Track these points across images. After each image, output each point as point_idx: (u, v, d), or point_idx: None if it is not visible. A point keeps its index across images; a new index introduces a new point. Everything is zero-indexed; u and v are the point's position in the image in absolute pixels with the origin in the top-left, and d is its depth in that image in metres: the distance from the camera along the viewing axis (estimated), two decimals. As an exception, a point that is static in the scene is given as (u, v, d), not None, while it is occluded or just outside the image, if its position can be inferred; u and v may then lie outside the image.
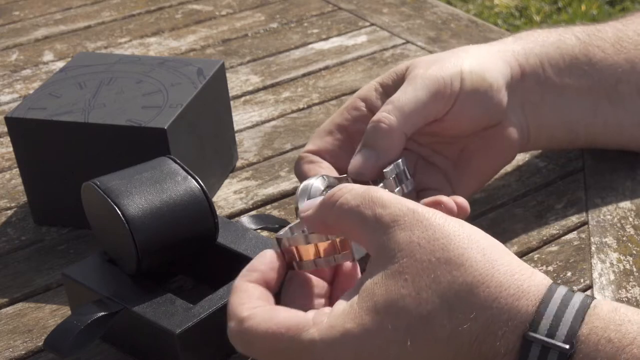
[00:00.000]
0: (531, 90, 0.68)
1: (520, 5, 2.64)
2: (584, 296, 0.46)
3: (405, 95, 0.63)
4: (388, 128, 0.62)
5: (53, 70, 1.00)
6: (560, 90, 0.69)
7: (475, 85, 0.65)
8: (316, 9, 1.13)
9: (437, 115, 0.64)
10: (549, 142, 0.72)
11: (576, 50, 0.70)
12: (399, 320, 0.45)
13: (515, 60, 0.68)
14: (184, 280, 0.64)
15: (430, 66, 0.65)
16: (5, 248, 0.71)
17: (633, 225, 0.69)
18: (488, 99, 0.65)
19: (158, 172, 0.60)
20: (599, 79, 0.70)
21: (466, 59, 0.66)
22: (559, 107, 0.69)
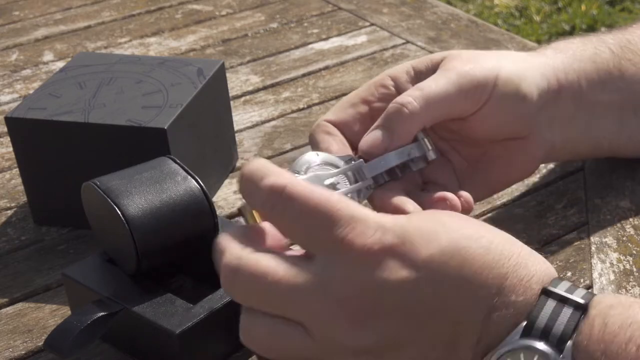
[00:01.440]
0: (565, 107, 0.67)
1: (520, 5, 2.64)
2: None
3: (435, 85, 0.62)
4: (409, 114, 0.61)
5: (53, 70, 1.00)
6: (592, 107, 0.68)
7: (509, 93, 0.63)
8: (316, 9, 1.13)
9: (462, 113, 0.63)
10: (571, 155, 0.71)
11: (610, 65, 0.69)
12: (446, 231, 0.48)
13: (554, 75, 0.66)
14: (184, 280, 0.64)
15: (468, 63, 0.63)
16: (5, 248, 0.71)
17: (633, 225, 0.69)
18: (518, 109, 0.64)
19: (158, 172, 0.60)
20: (628, 93, 0.69)
21: (505, 64, 0.64)
22: (588, 124, 0.68)
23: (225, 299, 0.57)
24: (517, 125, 0.65)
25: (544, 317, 0.46)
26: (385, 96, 0.64)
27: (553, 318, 0.46)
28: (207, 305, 0.57)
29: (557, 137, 0.67)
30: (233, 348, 0.59)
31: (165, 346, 0.56)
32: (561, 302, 0.46)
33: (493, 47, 1.00)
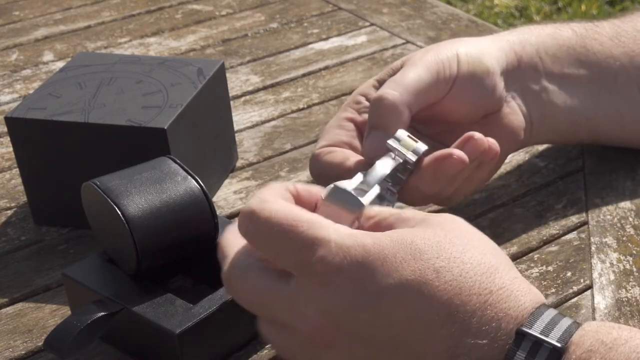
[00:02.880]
0: (529, 78, 0.68)
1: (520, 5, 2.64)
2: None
3: (407, 74, 0.63)
4: (392, 102, 0.61)
5: (53, 70, 1.00)
6: (559, 80, 0.69)
7: (472, 68, 0.65)
8: (316, 9, 1.13)
9: (437, 96, 0.64)
10: (552, 134, 0.72)
11: (573, 42, 0.70)
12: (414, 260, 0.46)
13: (510, 48, 0.68)
14: (184, 280, 0.64)
15: (427, 52, 0.65)
16: (5, 248, 0.71)
17: (633, 225, 0.69)
18: (485, 83, 0.65)
19: (158, 172, 0.60)
20: (597, 70, 0.70)
21: (461, 45, 0.66)
22: (560, 97, 0.69)
23: (225, 299, 0.57)
24: (486, 98, 0.66)
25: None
26: (362, 110, 0.66)
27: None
28: (207, 305, 0.57)
29: (532, 111, 0.68)
30: (233, 348, 0.59)
31: (165, 346, 0.56)
32: (536, 346, 0.44)
33: (493, 47, 1.00)
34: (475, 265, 0.46)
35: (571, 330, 0.45)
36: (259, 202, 0.50)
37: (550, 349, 0.44)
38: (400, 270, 0.45)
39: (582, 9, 2.57)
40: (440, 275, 0.45)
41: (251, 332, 0.60)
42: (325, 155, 0.63)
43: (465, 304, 0.45)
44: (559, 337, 0.44)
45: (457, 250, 0.47)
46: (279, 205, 0.49)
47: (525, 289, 0.47)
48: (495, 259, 0.48)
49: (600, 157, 0.77)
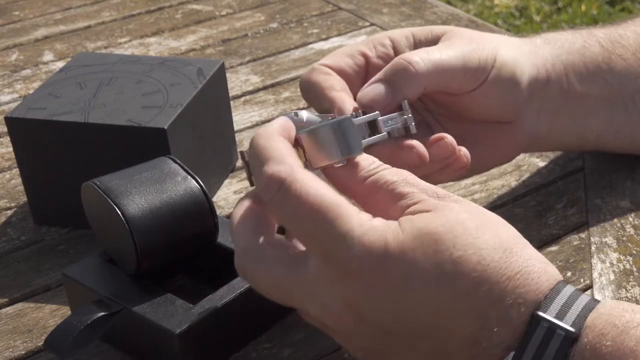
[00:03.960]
0: (552, 98, 0.67)
1: (520, 5, 2.64)
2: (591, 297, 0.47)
3: (443, 53, 0.62)
4: (415, 73, 0.60)
5: (53, 70, 1.00)
6: (580, 99, 0.68)
7: (504, 77, 0.64)
8: (316, 9, 1.13)
9: (459, 89, 0.63)
10: (557, 146, 0.72)
11: (599, 59, 0.69)
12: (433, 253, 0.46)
13: (543, 65, 0.67)
14: (184, 280, 0.64)
15: (470, 42, 0.64)
16: (5, 248, 0.71)
17: (633, 225, 0.69)
18: (509, 94, 0.64)
19: (158, 172, 0.60)
20: (618, 88, 0.69)
21: (502, 47, 0.65)
22: (576, 116, 0.69)
23: (225, 299, 0.57)
24: (506, 109, 0.65)
25: (531, 349, 0.45)
26: (382, 54, 0.64)
27: (540, 352, 0.45)
28: (207, 305, 0.57)
29: (542, 126, 0.67)
30: (233, 348, 0.59)
31: (165, 346, 0.56)
32: (550, 331, 0.45)
33: (493, 47, 1.00)
34: (492, 251, 0.47)
35: (586, 311, 0.46)
36: (289, 171, 0.49)
37: (563, 335, 0.45)
38: (421, 265, 0.46)
39: (582, 9, 2.57)
40: (459, 267, 0.46)
41: (251, 332, 0.60)
42: (319, 75, 0.62)
43: (485, 293, 0.46)
44: (574, 320, 0.45)
45: (472, 235, 0.47)
46: (309, 183, 0.49)
47: (541, 269, 0.47)
48: (509, 238, 0.48)
49: (600, 157, 0.77)
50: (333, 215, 0.47)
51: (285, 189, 0.48)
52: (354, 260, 0.47)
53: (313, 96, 0.62)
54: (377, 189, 0.50)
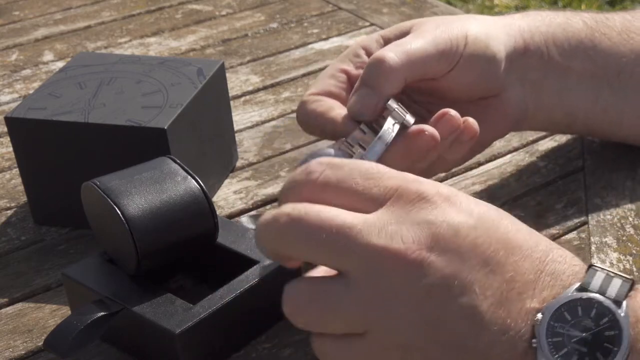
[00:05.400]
0: (533, 68, 0.68)
1: (520, 5, 2.64)
2: None
3: (413, 42, 0.62)
4: (390, 67, 0.60)
5: (53, 70, 1.00)
6: (563, 72, 0.69)
7: (478, 52, 0.64)
8: (316, 9, 1.13)
9: (437, 73, 0.64)
10: (547, 123, 0.72)
11: (582, 35, 0.70)
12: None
13: (520, 35, 0.68)
14: (184, 280, 0.64)
15: (438, 26, 0.64)
16: (5, 248, 0.71)
17: (633, 225, 0.69)
18: (488, 67, 0.65)
19: (158, 172, 0.60)
20: (602, 65, 0.70)
21: (472, 24, 0.66)
22: (560, 89, 0.69)
23: (225, 299, 0.57)
24: (487, 83, 0.66)
25: (597, 281, 0.46)
26: (360, 65, 0.65)
27: (605, 284, 0.46)
28: (207, 305, 0.57)
29: (529, 100, 0.68)
30: (233, 348, 0.59)
31: (165, 346, 0.56)
32: (609, 276, 0.46)
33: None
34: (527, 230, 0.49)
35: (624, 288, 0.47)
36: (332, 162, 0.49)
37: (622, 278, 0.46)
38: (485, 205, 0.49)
39: (582, 9, 2.57)
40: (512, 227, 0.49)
41: (251, 332, 0.60)
42: (312, 103, 0.63)
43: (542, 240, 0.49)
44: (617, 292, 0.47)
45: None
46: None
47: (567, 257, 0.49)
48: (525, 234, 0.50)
49: (600, 157, 0.77)
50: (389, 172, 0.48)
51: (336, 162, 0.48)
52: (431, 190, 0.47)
53: (314, 124, 0.62)
54: None
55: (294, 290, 0.47)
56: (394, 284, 0.45)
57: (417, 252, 0.45)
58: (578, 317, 0.45)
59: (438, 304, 0.45)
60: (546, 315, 0.45)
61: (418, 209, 0.46)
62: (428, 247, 0.45)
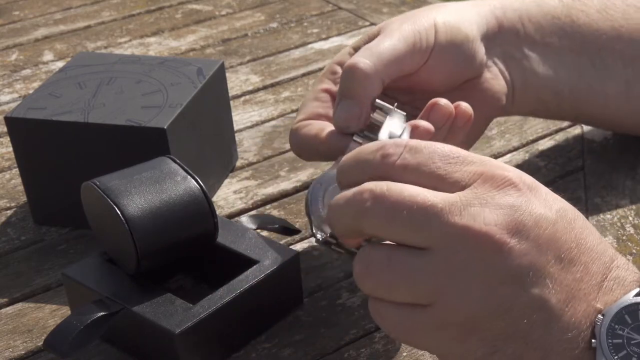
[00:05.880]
0: (511, 44, 0.67)
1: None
2: None
3: (382, 43, 0.62)
4: (364, 71, 0.60)
5: (53, 70, 1.00)
6: (541, 48, 0.69)
7: (450, 37, 0.64)
8: (316, 9, 1.13)
9: (412, 67, 0.63)
10: (535, 102, 0.71)
11: (558, 11, 0.69)
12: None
13: (491, 13, 0.67)
14: (184, 280, 0.64)
15: (404, 22, 0.64)
16: (5, 248, 0.71)
17: (633, 225, 0.69)
18: (464, 50, 0.65)
19: (158, 172, 0.60)
20: (581, 42, 0.69)
21: (439, 12, 0.65)
22: (542, 65, 0.69)
23: (225, 299, 0.57)
24: (466, 65, 0.65)
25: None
26: (338, 79, 0.64)
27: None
28: (207, 305, 0.57)
29: (514, 77, 0.68)
30: (233, 348, 0.59)
31: (165, 346, 0.56)
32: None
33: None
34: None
35: None
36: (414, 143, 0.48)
37: None
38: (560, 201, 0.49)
39: None
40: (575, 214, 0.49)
41: (251, 332, 0.60)
42: (302, 129, 0.63)
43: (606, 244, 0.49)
44: None
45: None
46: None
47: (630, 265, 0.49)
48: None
49: (601, 157, 0.77)
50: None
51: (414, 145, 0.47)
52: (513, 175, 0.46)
53: (308, 149, 0.62)
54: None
55: (369, 253, 0.47)
56: (470, 263, 0.45)
57: (499, 235, 0.45)
58: (638, 321, 0.46)
59: (510, 292, 0.45)
60: (607, 316, 0.46)
61: (503, 193, 0.46)
62: (509, 232, 0.45)
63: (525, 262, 0.45)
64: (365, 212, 0.46)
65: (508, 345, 0.45)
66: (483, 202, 0.45)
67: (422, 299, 0.46)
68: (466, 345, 0.46)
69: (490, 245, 0.44)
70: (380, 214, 0.46)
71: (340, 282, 0.65)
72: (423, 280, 0.45)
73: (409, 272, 0.46)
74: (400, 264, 0.46)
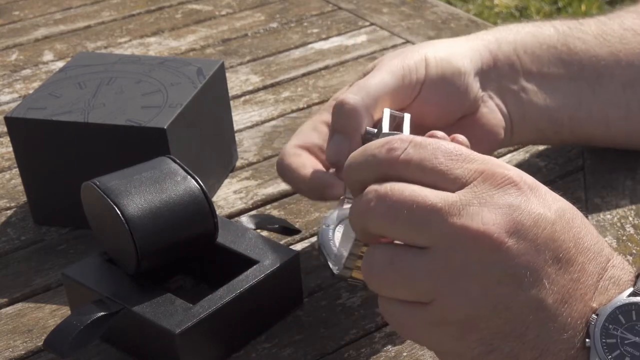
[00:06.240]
0: (507, 77, 0.67)
1: (520, 5, 2.64)
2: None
3: (371, 78, 0.62)
4: (352, 106, 0.60)
5: (53, 70, 1.00)
6: (538, 79, 0.68)
7: (441, 70, 0.64)
8: (316, 9, 1.13)
9: (404, 101, 0.63)
10: (534, 132, 0.71)
11: (554, 40, 0.69)
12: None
13: (485, 47, 0.67)
14: (184, 280, 0.64)
15: (394, 57, 0.64)
16: (5, 248, 0.71)
17: (633, 225, 0.69)
18: (456, 83, 0.64)
19: (158, 172, 0.60)
20: (579, 69, 0.69)
21: (431, 47, 0.66)
22: (540, 96, 0.69)
23: (225, 299, 0.57)
24: (460, 101, 0.65)
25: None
26: None
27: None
28: (207, 305, 0.57)
29: (512, 110, 0.68)
30: (233, 348, 0.59)
31: (165, 346, 0.56)
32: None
33: (493, 46, 1.00)
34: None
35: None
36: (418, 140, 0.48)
37: None
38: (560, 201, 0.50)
39: (582, 9, 2.57)
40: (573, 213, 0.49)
41: (251, 332, 0.60)
42: (290, 157, 0.63)
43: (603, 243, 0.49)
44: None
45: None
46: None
47: (626, 264, 0.49)
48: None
49: (600, 157, 0.77)
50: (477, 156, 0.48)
51: (419, 140, 0.48)
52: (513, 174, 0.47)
53: (289, 177, 0.63)
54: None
55: (374, 254, 0.48)
56: (468, 262, 0.45)
57: (497, 234, 0.45)
58: (632, 321, 0.46)
59: (507, 292, 0.45)
60: (601, 316, 0.46)
61: (503, 192, 0.46)
62: (507, 231, 0.45)
63: (523, 261, 0.45)
64: (369, 212, 0.47)
65: (505, 344, 0.46)
66: (482, 202, 0.46)
67: (422, 297, 0.46)
68: (464, 342, 0.46)
69: (488, 245, 0.45)
70: (382, 213, 0.47)
71: (340, 282, 0.65)
72: (423, 279, 0.46)
73: (410, 271, 0.46)
74: (402, 263, 0.46)
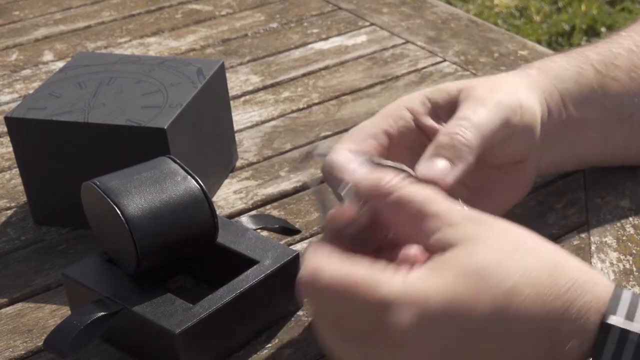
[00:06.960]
0: (553, 129, 0.67)
1: (520, 5, 2.64)
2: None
3: (480, 115, 0.60)
4: (467, 145, 0.59)
5: (53, 70, 1.00)
6: (578, 126, 0.68)
7: (529, 121, 0.63)
8: (316, 9, 1.13)
9: (498, 141, 0.62)
10: (554, 170, 0.73)
11: (594, 83, 0.69)
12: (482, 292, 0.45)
13: (544, 99, 0.66)
14: (184, 280, 0.64)
15: (494, 92, 0.63)
16: (5, 248, 0.71)
17: (633, 225, 0.69)
18: (533, 135, 0.64)
19: (158, 172, 0.60)
20: (614, 110, 0.69)
21: (520, 90, 0.64)
22: (574, 144, 0.69)
23: (225, 299, 0.57)
24: (527, 149, 0.64)
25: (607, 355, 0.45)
26: (404, 130, 0.62)
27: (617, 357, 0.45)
28: (207, 305, 0.57)
29: (545, 157, 0.67)
30: (233, 348, 0.59)
31: (165, 346, 0.56)
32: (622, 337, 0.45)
33: (493, 47, 1.00)
34: (542, 272, 0.46)
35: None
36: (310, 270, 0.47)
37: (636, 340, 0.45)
38: (473, 309, 0.45)
39: (582, 9, 2.57)
40: (514, 298, 0.45)
41: (251, 332, 0.60)
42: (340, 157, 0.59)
43: (550, 313, 0.45)
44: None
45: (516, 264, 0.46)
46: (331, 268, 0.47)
47: (594, 277, 0.47)
48: (551, 251, 0.48)
49: (600, 157, 0.77)
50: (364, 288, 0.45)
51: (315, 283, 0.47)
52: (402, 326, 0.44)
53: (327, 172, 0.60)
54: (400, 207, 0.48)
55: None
56: None
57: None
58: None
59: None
60: None
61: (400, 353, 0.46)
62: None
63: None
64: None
65: None
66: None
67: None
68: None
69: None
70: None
71: (340, 282, 0.65)
72: None
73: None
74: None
